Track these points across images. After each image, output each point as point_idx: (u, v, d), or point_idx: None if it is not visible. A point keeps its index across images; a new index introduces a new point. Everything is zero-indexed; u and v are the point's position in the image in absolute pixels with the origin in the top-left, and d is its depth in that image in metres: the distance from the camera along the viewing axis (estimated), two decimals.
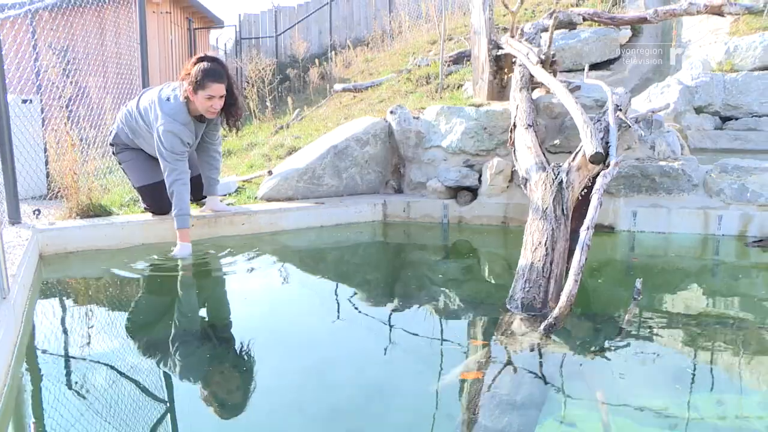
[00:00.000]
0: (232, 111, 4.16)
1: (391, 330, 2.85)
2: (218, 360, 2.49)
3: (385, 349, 2.60)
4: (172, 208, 4.01)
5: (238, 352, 2.60)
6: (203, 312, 3.12)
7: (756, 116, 7.17)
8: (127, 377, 2.30)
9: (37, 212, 4.50)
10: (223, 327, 2.93)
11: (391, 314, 3.08)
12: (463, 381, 2.28)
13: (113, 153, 4.51)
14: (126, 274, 3.65)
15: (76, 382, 2.26)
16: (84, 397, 2.13)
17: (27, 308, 2.93)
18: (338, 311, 3.10)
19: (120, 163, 4.53)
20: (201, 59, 3.98)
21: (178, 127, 3.97)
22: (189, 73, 3.92)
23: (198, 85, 3.88)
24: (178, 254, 3.89)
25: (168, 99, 4.03)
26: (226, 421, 2.02)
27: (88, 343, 2.62)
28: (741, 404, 2.13)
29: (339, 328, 2.89)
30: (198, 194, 4.55)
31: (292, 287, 3.54)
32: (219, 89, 3.93)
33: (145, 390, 2.21)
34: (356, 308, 3.17)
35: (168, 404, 2.11)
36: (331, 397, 2.17)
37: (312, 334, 2.81)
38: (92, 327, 2.81)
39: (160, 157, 4.03)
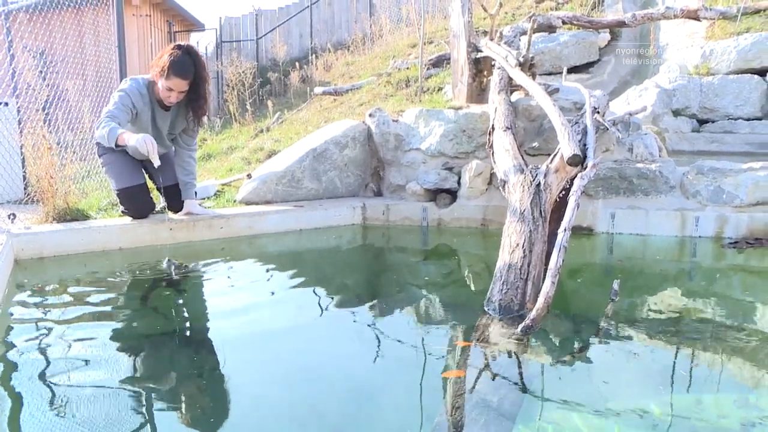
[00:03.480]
0: (195, 107, 4.24)
1: (370, 333, 2.84)
2: (198, 365, 2.47)
3: (366, 352, 2.59)
4: (104, 133, 3.89)
5: (217, 356, 2.57)
6: (182, 316, 3.09)
7: (732, 119, 7.25)
8: (105, 384, 2.27)
9: (12, 216, 4.44)
10: (202, 332, 2.90)
11: (370, 317, 3.07)
12: (443, 381, 2.28)
13: (98, 154, 4.48)
14: (103, 278, 3.61)
15: (52, 389, 2.22)
16: (60, 405, 2.09)
17: (1, 313, 2.90)
18: (318, 315, 3.09)
19: (102, 165, 4.51)
20: (177, 47, 4.03)
21: (132, 89, 4.08)
22: (162, 58, 4.00)
23: (163, 73, 3.98)
24: (140, 141, 3.77)
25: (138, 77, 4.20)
26: (208, 427, 1.99)
27: (64, 349, 2.59)
28: (718, 403, 2.15)
29: (319, 331, 2.87)
30: (177, 201, 4.52)
31: (272, 291, 3.52)
32: (180, 84, 4.01)
33: (123, 395, 2.17)
34: (336, 311, 3.16)
35: (148, 411, 2.08)
36: (313, 400, 2.16)
37: (292, 338, 2.79)
38: (68, 332, 2.77)
39: (104, 111, 4.06)
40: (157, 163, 3.83)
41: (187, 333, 2.86)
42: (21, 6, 6.33)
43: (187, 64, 4.00)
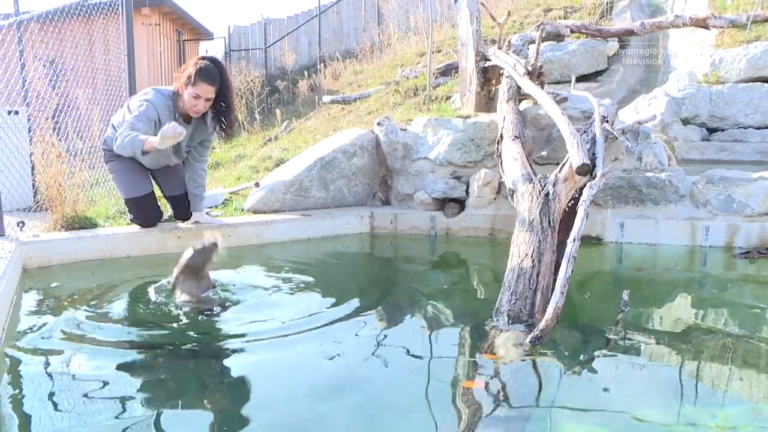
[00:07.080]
0: (223, 116, 4.20)
1: (378, 343, 2.82)
2: (206, 375, 2.46)
3: (374, 363, 2.58)
4: (125, 143, 3.77)
5: (226, 367, 2.56)
6: (189, 326, 3.07)
7: (742, 128, 7.23)
8: (112, 393, 2.26)
9: (21, 224, 4.46)
10: (210, 341, 2.88)
11: (378, 327, 3.05)
12: (452, 393, 2.27)
13: (105, 161, 4.48)
14: (110, 286, 3.60)
15: (59, 398, 2.21)
16: (66, 414, 2.09)
17: (9, 322, 2.90)
18: (325, 324, 3.06)
19: (110, 173, 4.51)
20: (202, 58, 4.05)
21: (157, 100, 4.01)
22: (186, 68, 3.99)
23: (189, 81, 3.94)
24: (167, 130, 3.58)
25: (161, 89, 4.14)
26: None
27: (71, 358, 2.58)
28: (729, 415, 2.12)
29: (327, 341, 2.85)
30: (184, 210, 4.53)
31: (279, 300, 3.50)
32: (207, 91, 3.97)
33: (132, 405, 2.16)
34: (343, 321, 3.13)
35: (156, 421, 2.07)
36: (322, 411, 2.15)
37: (300, 348, 2.77)
38: (75, 341, 2.77)
39: (126, 122, 3.93)
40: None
41: (195, 343, 2.84)
42: (32, 16, 6.37)
43: (213, 71, 3.99)
